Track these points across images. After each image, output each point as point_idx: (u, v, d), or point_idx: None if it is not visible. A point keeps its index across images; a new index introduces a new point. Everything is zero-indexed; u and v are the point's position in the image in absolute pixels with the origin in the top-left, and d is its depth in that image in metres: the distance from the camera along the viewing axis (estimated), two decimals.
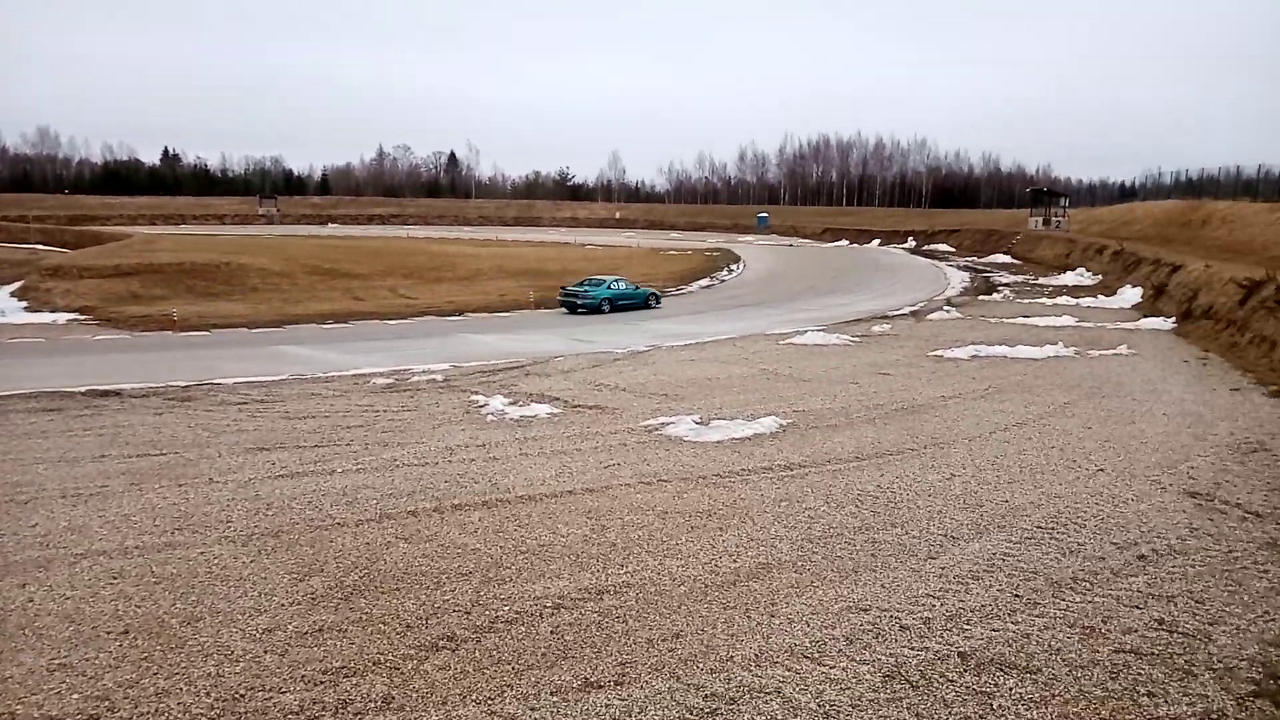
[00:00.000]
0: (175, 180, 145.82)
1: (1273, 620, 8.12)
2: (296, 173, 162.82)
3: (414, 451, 13.90)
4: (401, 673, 7.21)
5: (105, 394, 18.23)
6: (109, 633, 7.87)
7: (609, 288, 36.49)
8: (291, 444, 14.32)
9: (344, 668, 7.27)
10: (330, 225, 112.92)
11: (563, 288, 37.05)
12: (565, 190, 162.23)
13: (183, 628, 7.98)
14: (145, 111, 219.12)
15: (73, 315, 31.70)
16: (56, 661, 7.34)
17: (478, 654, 7.53)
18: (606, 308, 35.48)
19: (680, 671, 7.22)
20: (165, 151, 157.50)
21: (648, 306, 37.07)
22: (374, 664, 7.35)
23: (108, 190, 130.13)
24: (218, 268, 41.57)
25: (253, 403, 17.53)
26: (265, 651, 7.54)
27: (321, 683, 7.05)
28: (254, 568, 9.35)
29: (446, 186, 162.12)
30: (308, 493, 11.80)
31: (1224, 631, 7.90)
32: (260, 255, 47.67)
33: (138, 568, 9.34)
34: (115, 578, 9.08)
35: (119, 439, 14.63)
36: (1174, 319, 29.29)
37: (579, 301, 35.46)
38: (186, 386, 19.16)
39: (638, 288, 38.13)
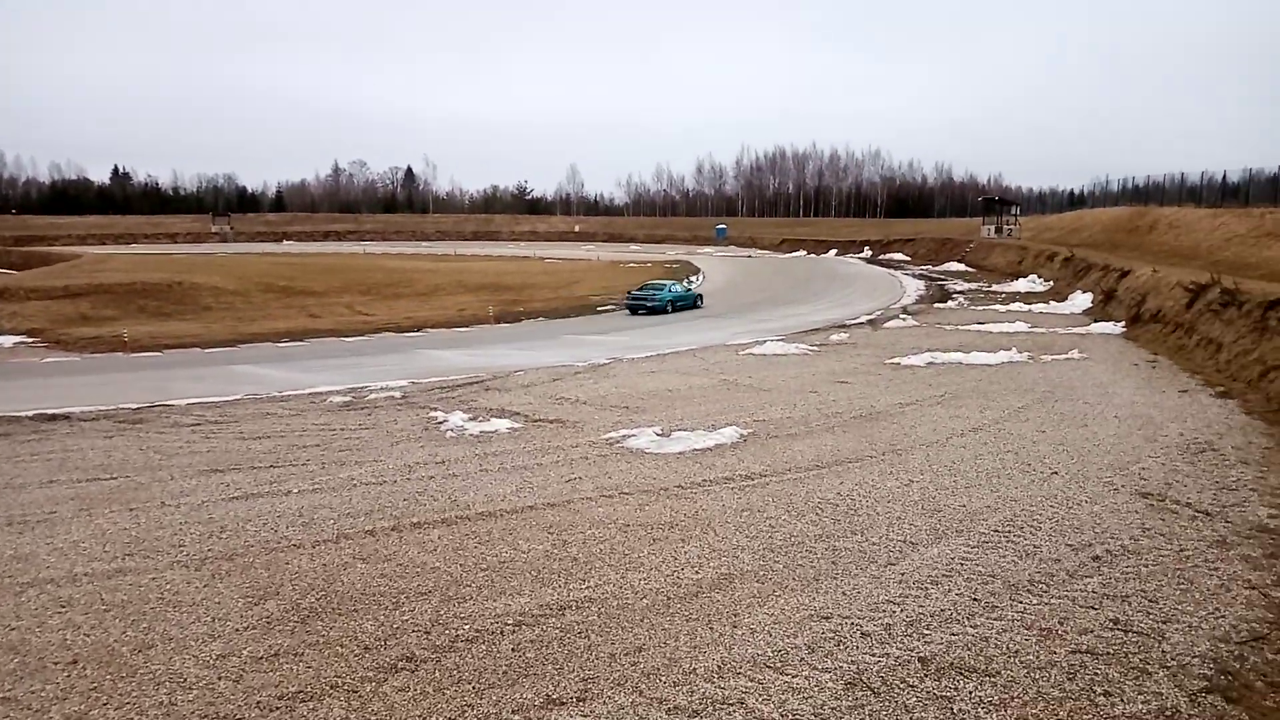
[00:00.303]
0: (125, 199, 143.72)
1: (1223, 617, 8.27)
2: (250, 190, 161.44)
3: (372, 470, 13.74)
4: (360, 695, 7.10)
5: (54, 418, 17.82)
6: (56, 663, 7.66)
7: (669, 291, 40.79)
8: (246, 465, 14.08)
9: (301, 692, 7.13)
10: (286, 242, 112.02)
11: (629, 292, 41.12)
12: (524, 204, 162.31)
13: (134, 656, 7.79)
14: (94, 129, 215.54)
15: (20, 338, 30.93)
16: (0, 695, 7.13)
17: (438, 674, 7.43)
18: (670, 309, 39.23)
19: (643, 685, 7.19)
20: (115, 170, 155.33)
21: (695, 306, 41.10)
22: (331, 687, 7.22)
23: (56, 210, 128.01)
24: (170, 287, 40.94)
25: (206, 424, 17.23)
26: (219, 678, 7.38)
27: (278, 708, 6.91)
28: (207, 592, 9.16)
29: (404, 202, 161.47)
30: (263, 514, 11.60)
31: (1176, 629, 8.03)
32: (214, 274, 47.05)
33: (87, 595, 9.11)
34: (63, 606, 8.85)
35: (68, 464, 14.29)
36: (1123, 323, 29.88)
37: (648, 304, 39.13)
38: (138, 409, 18.79)
39: (688, 290, 43.03)
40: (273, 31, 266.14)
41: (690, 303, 41.17)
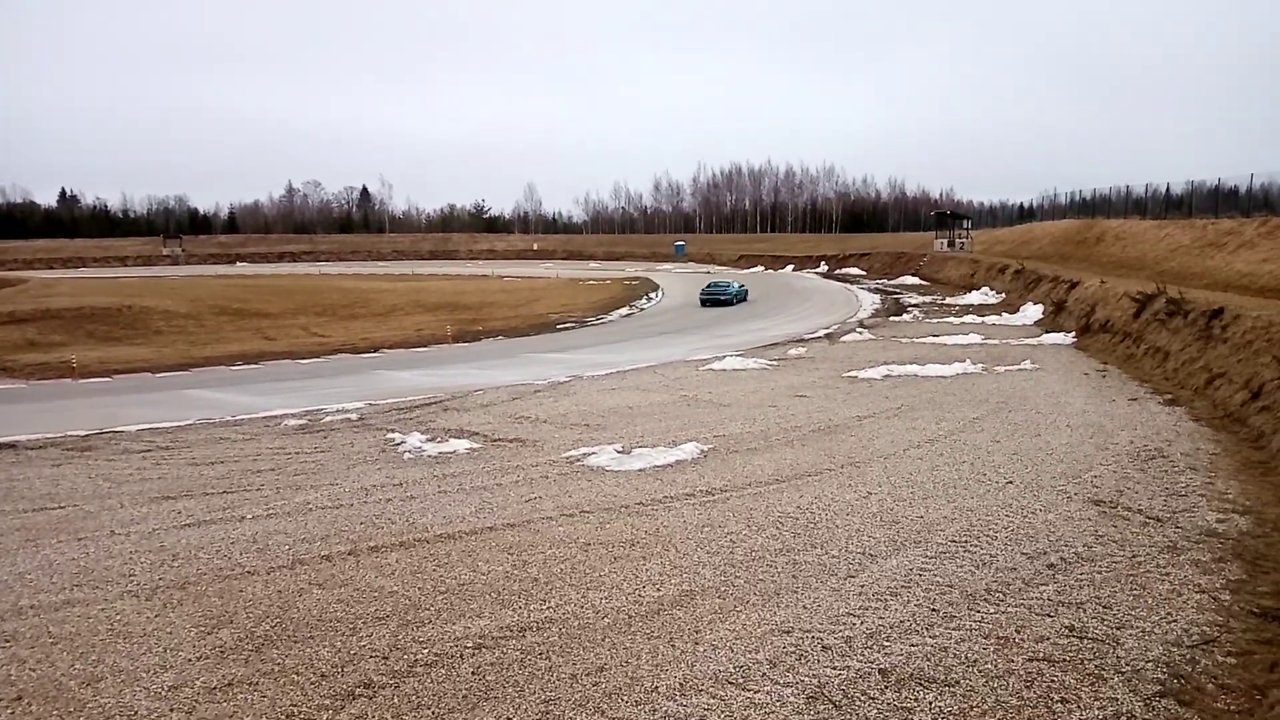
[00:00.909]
0: (74, 222, 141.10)
1: (1175, 621, 8.42)
2: (202, 211, 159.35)
3: (328, 494, 13.54)
4: None
5: None
6: (0, 700, 7.43)
7: (733, 288, 52.08)
8: (198, 491, 13.82)
9: None
10: (239, 264, 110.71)
11: (703, 289, 52.09)
12: (482, 223, 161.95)
13: (82, 689, 7.58)
14: (40, 152, 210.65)
15: None
16: None
17: (396, 700, 7.32)
18: (735, 301, 50.38)
19: (605, 706, 7.14)
20: (63, 193, 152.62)
21: (745, 301, 51.52)
22: (287, 717, 7.08)
23: (1, 234, 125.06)
24: (119, 311, 40.22)
25: (157, 450, 16.89)
26: (171, 710, 7.21)
27: None
28: (159, 622, 8.96)
29: (359, 222, 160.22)
30: (215, 541, 11.38)
31: (1130, 635, 8.16)
32: (164, 297, 46.29)
33: (33, 628, 8.86)
34: (8, 641, 8.59)
35: (13, 493, 13.92)
36: (1074, 333, 30.45)
37: (720, 298, 50.07)
38: (86, 435, 18.37)
39: (742, 286, 53.35)
40: (224, 52, 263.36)
41: (744, 297, 51.75)
